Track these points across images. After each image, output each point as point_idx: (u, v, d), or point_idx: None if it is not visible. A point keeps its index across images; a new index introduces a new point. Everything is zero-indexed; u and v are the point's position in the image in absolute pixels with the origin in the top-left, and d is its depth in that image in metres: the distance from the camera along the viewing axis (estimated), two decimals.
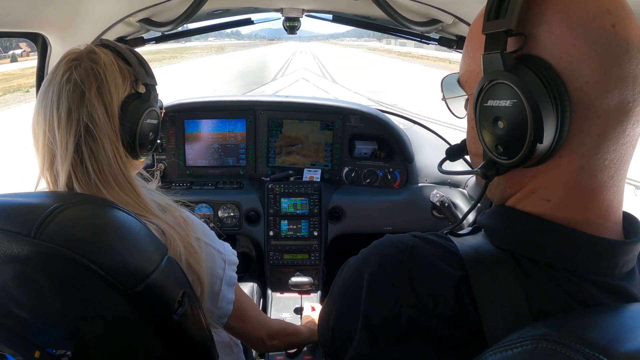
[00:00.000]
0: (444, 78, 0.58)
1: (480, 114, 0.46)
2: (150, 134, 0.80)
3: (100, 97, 0.71)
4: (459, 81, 0.54)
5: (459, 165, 1.81)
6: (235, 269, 0.88)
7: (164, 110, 0.93)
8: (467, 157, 0.58)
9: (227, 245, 0.89)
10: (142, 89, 0.78)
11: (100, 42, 0.79)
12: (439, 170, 0.64)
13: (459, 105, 0.57)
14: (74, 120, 0.70)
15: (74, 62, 0.72)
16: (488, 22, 0.43)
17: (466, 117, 0.55)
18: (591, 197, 0.44)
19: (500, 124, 0.44)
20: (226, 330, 0.91)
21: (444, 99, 0.58)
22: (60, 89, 0.70)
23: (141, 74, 0.77)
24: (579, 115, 0.41)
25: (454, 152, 0.62)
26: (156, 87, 0.82)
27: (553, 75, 0.41)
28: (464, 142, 0.59)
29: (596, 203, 0.44)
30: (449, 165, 0.66)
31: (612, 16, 0.40)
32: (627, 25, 0.41)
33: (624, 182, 0.46)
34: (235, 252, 0.90)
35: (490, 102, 0.44)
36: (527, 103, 0.41)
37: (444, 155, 0.65)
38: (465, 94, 0.54)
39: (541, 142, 0.41)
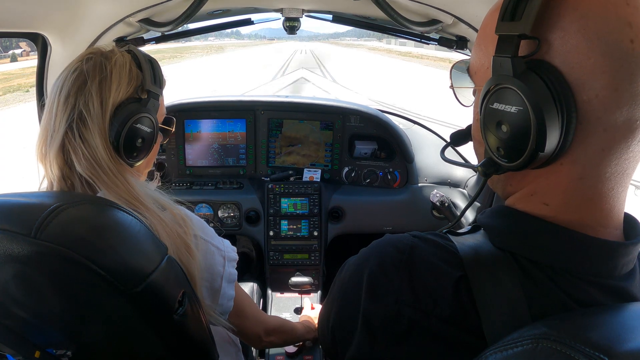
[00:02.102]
0: (454, 65, 0.57)
1: (485, 115, 0.46)
2: (139, 140, 0.78)
3: (99, 90, 0.74)
4: (468, 70, 0.54)
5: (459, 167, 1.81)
6: (235, 266, 0.88)
7: (173, 129, 0.93)
8: (468, 158, 0.58)
9: (227, 242, 0.89)
10: (144, 96, 0.79)
11: (127, 47, 0.82)
12: (442, 157, 0.63)
13: (468, 92, 0.56)
14: (70, 104, 0.73)
15: (88, 56, 0.76)
16: (502, 22, 0.42)
17: (472, 105, 0.55)
18: (590, 206, 0.44)
19: (504, 128, 0.43)
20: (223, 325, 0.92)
21: (452, 86, 0.57)
22: (67, 76, 0.74)
23: (147, 80, 0.78)
24: (584, 127, 0.41)
25: (459, 138, 0.61)
26: (159, 97, 0.82)
27: (563, 84, 0.40)
28: (469, 127, 0.58)
29: (595, 211, 0.44)
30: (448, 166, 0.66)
31: (632, 30, 0.39)
32: None
33: (625, 193, 0.45)
34: (235, 249, 0.90)
35: (496, 105, 0.44)
36: (533, 112, 0.40)
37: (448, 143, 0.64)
38: (473, 84, 0.53)
39: (543, 151, 0.41)
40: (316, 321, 1.26)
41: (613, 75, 0.39)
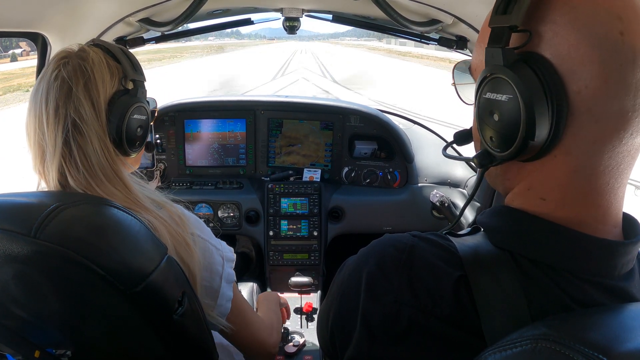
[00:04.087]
0: (457, 64, 0.59)
1: (478, 105, 0.48)
2: (139, 129, 0.80)
3: (87, 92, 0.72)
4: (469, 68, 0.56)
5: (461, 167, 1.81)
6: (233, 266, 0.88)
7: (157, 109, 0.95)
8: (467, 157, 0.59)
9: (224, 242, 0.89)
10: (130, 86, 0.79)
11: (93, 42, 0.80)
12: (443, 154, 0.65)
13: (470, 92, 0.57)
14: (61, 115, 0.71)
15: (63, 60, 0.73)
16: (495, 16, 0.44)
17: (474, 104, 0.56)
18: (587, 201, 0.44)
19: (496, 117, 0.45)
20: (230, 339, 0.89)
21: (453, 84, 0.59)
22: (49, 86, 0.72)
23: (128, 70, 0.78)
24: (575, 117, 0.41)
25: (462, 137, 0.63)
26: (144, 83, 0.82)
27: (553, 75, 0.41)
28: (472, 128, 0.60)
29: (592, 207, 0.44)
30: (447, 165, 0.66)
31: (622, 23, 0.39)
32: (637, 33, 0.40)
33: (622, 190, 0.45)
34: (232, 249, 0.90)
35: (488, 95, 0.46)
36: (522, 100, 0.41)
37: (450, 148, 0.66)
38: (473, 81, 0.54)
39: (532, 139, 0.42)
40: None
41: (602, 66, 0.40)
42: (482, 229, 0.52)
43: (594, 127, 0.41)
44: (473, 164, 0.53)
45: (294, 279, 1.69)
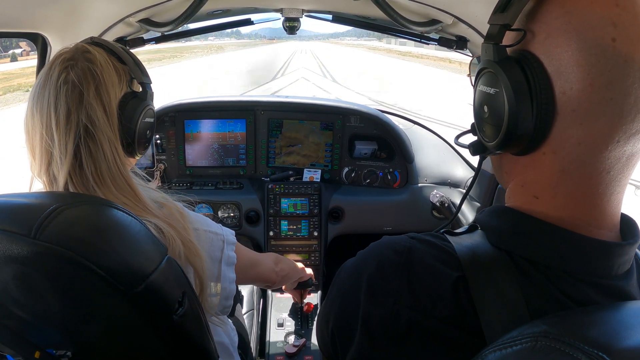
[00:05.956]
0: (473, 58, 0.62)
1: (475, 96, 0.51)
2: (148, 132, 0.81)
3: (98, 97, 0.71)
4: None
5: (461, 167, 1.81)
6: (234, 249, 0.90)
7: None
8: (468, 158, 0.59)
9: (225, 227, 0.91)
10: (137, 88, 0.78)
11: (92, 40, 0.77)
12: (455, 142, 0.66)
13: None
14: (73, 121, 0.69)
15: (70, 62, 0.71)
16: (494, 14, 0.46)
17: None
18: (578, 204, 0.44)
19: (485, 109, 0.48)
20: (248, 281, 0.99)
21: (469, 75, 0.64)
22: (58, 89, 0.69)
23: (137, 72, 0.77)
24: (561, 117, 0.42)
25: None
26: (151, 85, 0.82)
27: (541, 73, 0.42)
28: None
29: (584, 210, 0.44)
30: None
31: (615, 29, 0.39)
32: (632, 41, 0.39)
33: (617, 196, 0.45)
34: (233, 232, 0.92)
35: (481, 87, 0.49)
36: (505, 93, 0.43)
37: (445, 155, 0.67)
38: None
39: (515, 133, 0.44)
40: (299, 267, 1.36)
41: (588, 70, 0.40)
42: (479, 228, 0.52)
43: (578, 129, 0.42)
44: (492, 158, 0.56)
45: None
